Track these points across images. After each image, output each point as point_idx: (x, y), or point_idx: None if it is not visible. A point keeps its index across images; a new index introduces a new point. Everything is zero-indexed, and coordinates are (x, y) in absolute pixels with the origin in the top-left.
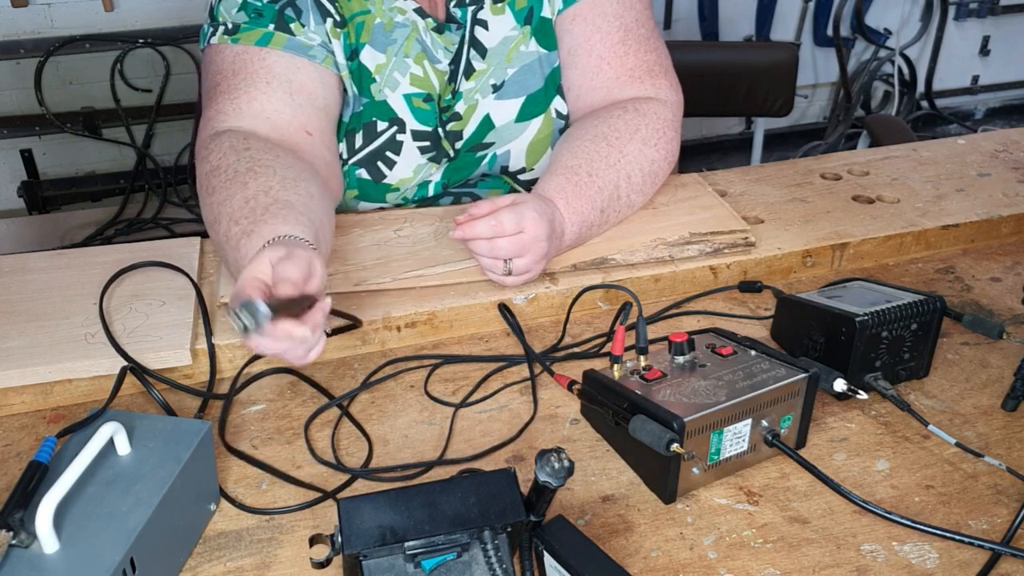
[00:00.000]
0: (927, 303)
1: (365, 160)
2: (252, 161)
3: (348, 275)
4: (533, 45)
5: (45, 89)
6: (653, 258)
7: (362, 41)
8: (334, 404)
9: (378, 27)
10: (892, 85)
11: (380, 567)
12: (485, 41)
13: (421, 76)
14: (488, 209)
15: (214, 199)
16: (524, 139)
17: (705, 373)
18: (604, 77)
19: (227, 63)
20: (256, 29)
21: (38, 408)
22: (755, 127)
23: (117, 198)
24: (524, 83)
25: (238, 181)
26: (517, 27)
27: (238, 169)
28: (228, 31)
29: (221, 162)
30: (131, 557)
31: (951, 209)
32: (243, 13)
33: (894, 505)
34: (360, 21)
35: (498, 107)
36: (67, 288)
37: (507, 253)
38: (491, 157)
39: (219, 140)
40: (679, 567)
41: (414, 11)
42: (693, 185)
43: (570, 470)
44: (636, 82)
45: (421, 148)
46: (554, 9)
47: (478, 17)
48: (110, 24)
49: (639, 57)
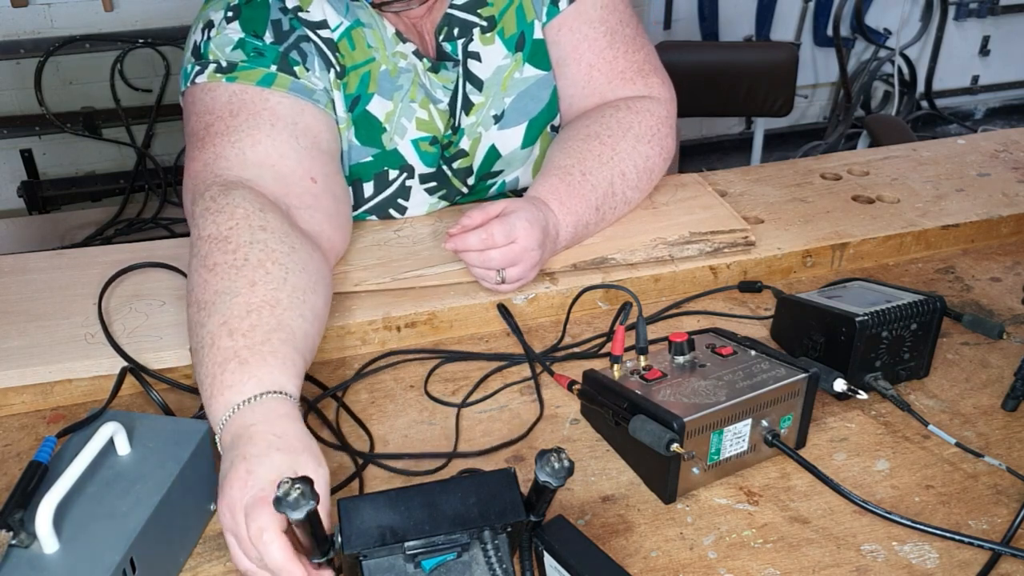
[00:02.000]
0: (927, 303)
1: (376, 208)
2: (265, 251)
3: (348, 275)
4: (528, 70)
5: (45, 89)
6: (653, 257)
7: (370, 91)
8: (328, 395)
9: (384, 74)
10: (892, 85)
11: (380, 567)
12: (480, 73)
13: (426, 119)
14: (479, 220)
15: (212, 281)
16: (530, 161)
17: (705, 373)
18: (596, 83)
19: (221, 103)
20: (257, 69)
21: (38, 408)
22: (755, 127)
23: (117, 198)
24: (524, 109)
25: (244, 277)
26: (509, 55)
27: (248, 258)
28: (222, 69)
29: (231, 234)
30: (131, 557)
31: (951, 209)
32: (240, 51)
33: (894, 505)
34: (366, 71)
35: (502, 137)
36: (67, 288)
37: (499, 264)
38: (500, 184)
39: (232, 199)
40: (679, 567)
41: (413, 54)
42: (693, 185)
43: (570, 470)
44: (628, 83)
45: (429, 189)
46: (542, 24)
47: (469, 49)
48: (110, 24)
49: (628, 58)
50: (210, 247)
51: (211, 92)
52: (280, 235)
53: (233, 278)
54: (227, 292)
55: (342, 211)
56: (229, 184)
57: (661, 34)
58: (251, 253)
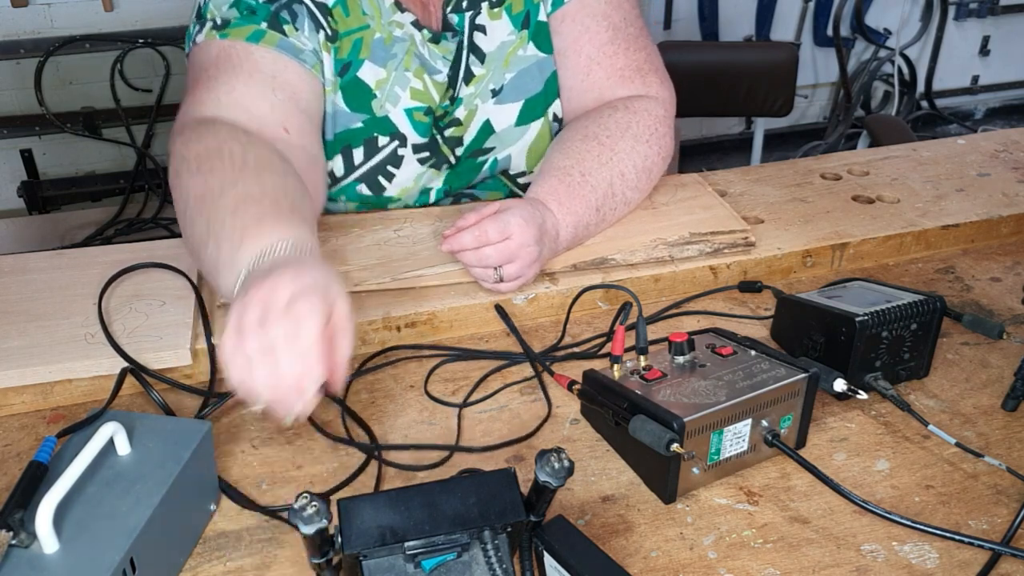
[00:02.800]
0: (927, 303)
1: (366, 175)
2: (260, 161)
3: (348, 275)
4: (531, 49)
5: (45, 89)
6: (653, 258)
7: (361, 57)
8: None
9: (378, 42)
10: (892, 85)
11: (380, 567)
12: (484, 46)
13: (421, 90)
14: (474, 220)
15: (214, 177)
16: (524, 143)
17: (705, 373)
18: (595, 78)
19: (211, 57)
20: (248, 25)
21: (38, 408)
22: (755, 127)
23: (117, 198)
24: (522, 87)
25: (250, 171)
26: (514, 32)
27: (246, 160)
28: (217, 27)
29: (223, 147)
30: (131, 557)
31: (951, 209)
32: (235, 10)
33: (894, 505)
34: (358, 37)
35: (498, 112)
36: (67, 288)
37: (495, 261)
38: (492, 162)
39: (212, 125)
40: (679, 567)
41: (411, 24)
42: (693, 185)
43: (570, 470)
44: (627, 82)
45: (421, 159)
46: (547, 12)
47: (476, 22)
48: (110, 24)
49: (628, 57)
50: (202, 159)
51: (205, 48)
52: (266, 149)
53: (238, 172)
54: (236, 181)
55: (315, 172)
56: (206, 119)
57: (661, 34)
58: (247, 156)
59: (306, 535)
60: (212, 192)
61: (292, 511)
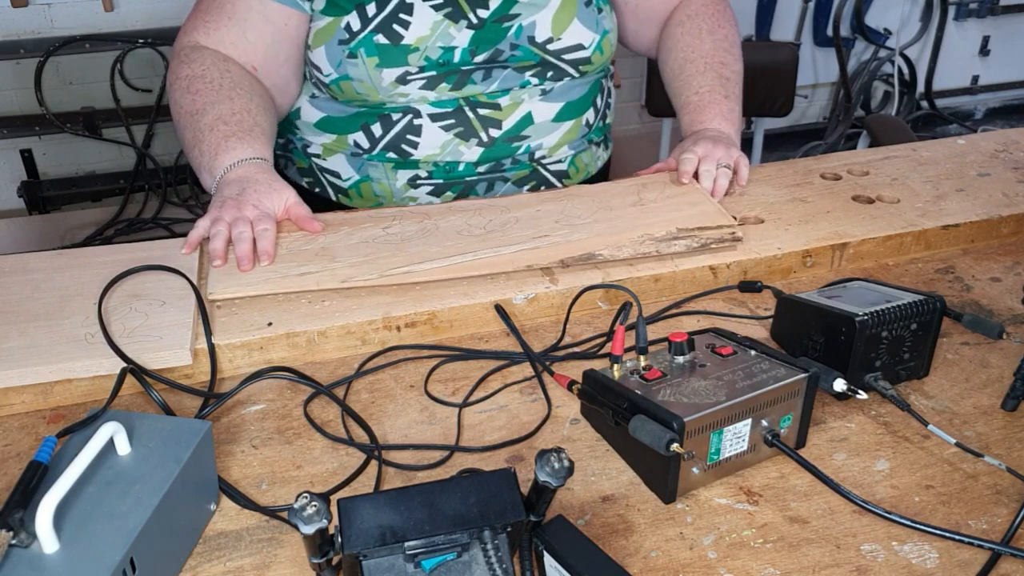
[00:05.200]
0: (927, 303)
1: (381, 25)
2: (232, 81)
3: (335, 272)
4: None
5: (45, 89)
6: (640, 253)
7: None
8: (323, 391)
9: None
10: (892, 85)
11: (380, 567)
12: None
13: None
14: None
15: (199, 99)
16: (550, 8)
17: (705, 373)
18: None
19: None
20: None
21: (38, 408)
22: (755, 127)
23: (117, 198)
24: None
25: (224, 94)
26: None
27: (222, 84)
28: None
29: (206, 73)
30: (131, 557)
31: (951, 209)
32: None
33: (894, 505)
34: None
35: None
36: (67, 288)
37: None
38: (517, 28)
39: (201, 53)
40: (679, 567)
41: None
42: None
43: (570, 470)
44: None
45: (434, 6)
46: None
47: None
48: (110, 24)
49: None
50: (191, 80)
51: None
52: (239, 73)
53: (216, 94)
54: (214, 103)
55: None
56: (197, 46)
57: None
58: (223, 81)
59: (306, 535)
60: (196, 110)
61: (292, 511)
